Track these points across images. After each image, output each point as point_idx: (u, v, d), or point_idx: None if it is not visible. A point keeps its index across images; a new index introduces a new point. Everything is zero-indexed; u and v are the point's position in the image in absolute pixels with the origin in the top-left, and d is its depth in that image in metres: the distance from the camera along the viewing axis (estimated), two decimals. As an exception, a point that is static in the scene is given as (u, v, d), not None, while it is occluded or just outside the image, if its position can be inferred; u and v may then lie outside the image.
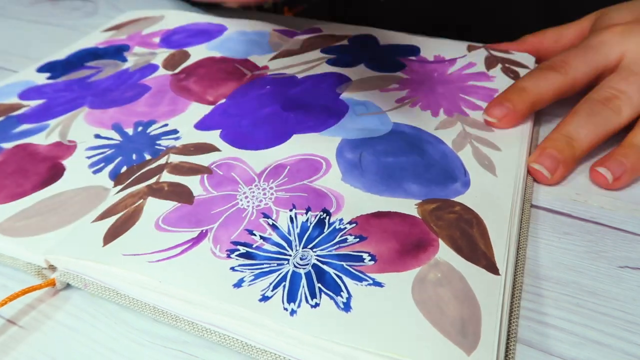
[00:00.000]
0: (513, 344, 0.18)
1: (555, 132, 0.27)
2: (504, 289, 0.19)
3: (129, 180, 0.25)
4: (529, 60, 0.35)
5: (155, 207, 0.22)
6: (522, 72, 0.34)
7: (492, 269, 0.19)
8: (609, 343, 0.19)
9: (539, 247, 0.23)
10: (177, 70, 0.36)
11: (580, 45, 0.30)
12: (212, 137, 0.27)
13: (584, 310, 0.20)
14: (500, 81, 0.33)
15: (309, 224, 0.21)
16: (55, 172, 0.27)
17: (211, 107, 0.31)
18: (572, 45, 0.31)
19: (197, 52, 0.39)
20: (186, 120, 0.30)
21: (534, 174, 0.26)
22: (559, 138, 0.26)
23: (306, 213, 0.22)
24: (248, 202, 0.22)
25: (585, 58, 0.30)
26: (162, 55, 0.39)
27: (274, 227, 0.21)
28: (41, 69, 0.38)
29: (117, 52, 0.40)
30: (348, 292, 0.18)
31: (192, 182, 0.24)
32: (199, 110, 0.31)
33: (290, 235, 0.21)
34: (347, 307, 0.18)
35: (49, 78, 0.37)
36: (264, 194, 0.23)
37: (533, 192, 0.26)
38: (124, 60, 0.38)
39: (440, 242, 0.20)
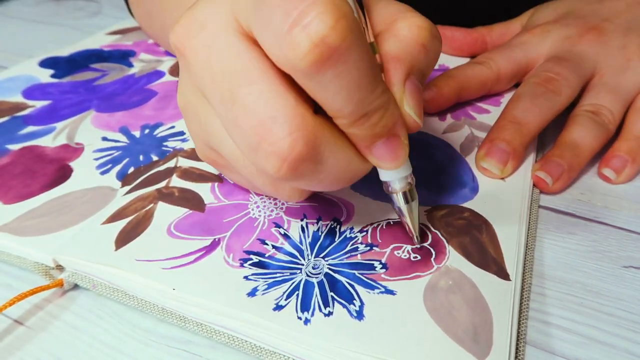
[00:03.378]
0: (522, 346, 0.19)
1: (502, 119, 0.27)
2: (514, 294, 0.19)
3: (137, 181, 0.25)
4: None
5: (166, 213, 0.23)
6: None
7: (503, 274, 0.20)
8: (613, 343, 0.19)
9: (543, 247, 0.23)
10: (183, 76, 0.36)
11: (504, 45, 0.33)
12: (222, 144, 0.28)
13: (588, 310, 0.20)
14: None
15: (320, 233, 0.21)
16: (62, 174, 0.27)
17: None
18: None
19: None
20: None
21: (483, 172, 0.26)
22: (506, 125, 0.27)
23: (317, 222, 0.22)
24: (260, 211, 0.23)
25: (508, 55, 0.32)
26: (168, 62, 0.39)
27: (285, 236, 0.21)
28: (43, 64, 0.38)
29: (122, 56, 0.40)
30: (360, 300, 0.18)
31: (203, 189, 0.24)
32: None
33: (302, 244, 0.21)
34: (360, 315, 0.18)
35: (52, 76, 0.37)
36: (275, 204, 0.23)
37: (540, 193, 0.26)
38: (130, 65, 0.39)
39: (451, 248, 0.21)
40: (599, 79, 0.29)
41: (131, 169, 0.27)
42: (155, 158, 0.28)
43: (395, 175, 0.19)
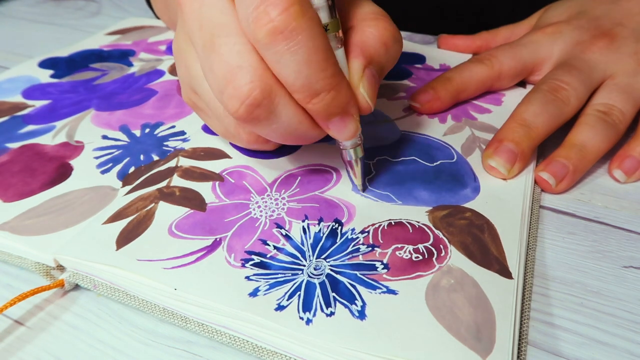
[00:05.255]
0: (524, 345, 0.19)
1: (512, 121, 0.27)
2: (517, 292, 0.19)
3: (138, 181, 0.25)
4: None
5: (167, 212, 0.23)
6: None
7: (505, 273, 0.20)
8: (614, 343, 0.19)
9: (543, 247, 0.23)
10: (184, 76, 0.36)
11: (512, 43, 0.33)
12: (222, 142, 0.28)
13: (588, 310, 0.20)
14: None
15: (321, 235, 0.21)
16: (63, 172, 0.26)
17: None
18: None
19: (204, 59, 0.39)
20: (193, 122, 0.30)
21: (490, 170, 0.26)
22: (516, 127, 0.27)
23: (318, 223, 0.22)
24: (261, 212, 0.23)
25: (513, 52, 0.32)
26: (168, 61, 0.39)
27: (287, 237, 0.21)
28: (43, 64, 0.38)
29: (122, 56, 0.40)
30: (362, 300, 0.18)
31: (204, 189, 0.24)
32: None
33: (303, 245, 0.21)
34: (362, 315, 0.18)
35: (52, 76, 0.37)
36: (277, 204, 0.23)
37: (541, 193, 0.26)
38: (130, 65, 0.38)
39: (453, 248, 0.21)
40: (611, 81, 0.29)
41: (132, 169, 0.27)
42: (155, 158, 0.27)
43: None
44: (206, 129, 0.29)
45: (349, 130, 0.21)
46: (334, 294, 0.19)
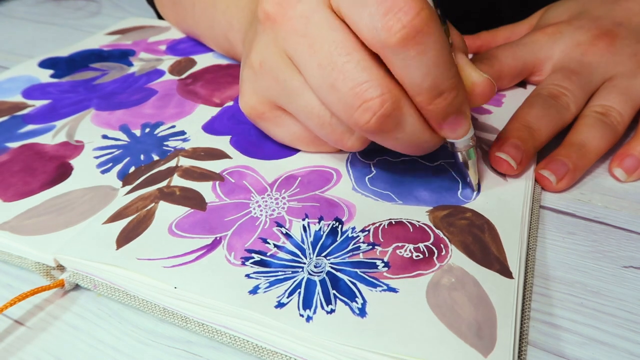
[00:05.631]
0: (525, 345, 0.19)
1: (515, 122, 0.27)
2: (517, 292, 0.19)
3: (138, 181, 0.25)
4: None
5: (167, 212, 0.23)
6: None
7: (506, 272, 0.20)
8: (614, 343, 0.19)
9: (543, 247, 0.23)
10: (183, 76, 0.36)
11: (512, 42, 0.33)
12: (223, 143, 0.28)
13: (588, 310, 0.20)
14: None
15: (322, 233, 0.21)
16: (63, 171, 0.26)
17: (218, 109, 0.31)
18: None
19: (204, 60, 0.39)
20: (194, 122, 0.30)
21: (499, 163, 0.25)
22: (520, 128, 0.27)
23: (319, 222, 0.22)
24: (261, 211, 0.23)
25: (514, 52, 0.32)
26: (168, 61, 0.39)
27: (287, 235, 0.21)
28: (43, 64, 0.38)
29: (122, 56, 0.40)
30: (363, 298, 0.18)
31: (204, 188, 0.24)
32: (206, 112, 0.32)
33: (303, 243, 0.21)
34: (362, 312, 0.18)
35: (52, 76, 0.37)
36: (277, 203, 0.23)
37: (541, 193, 0.26)
38: (130, 64, 0.38)
39: (453, 247, 0.21)
40: (610, 82, 0.29)
41: (132, 169, 0.27)
42: (156, 157, 0.27)
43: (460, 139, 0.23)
44: (206, 128, 0.29)
45: (463, 128, 0.22)
46: (334, 292, 0.19)
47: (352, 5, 0.19)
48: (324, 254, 0.20)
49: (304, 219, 0.22)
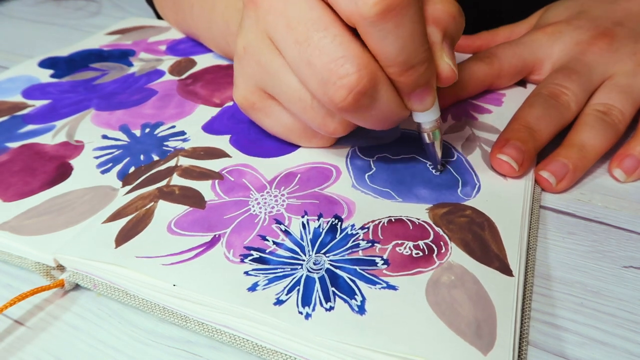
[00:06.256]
0: (525, 344, 0.19)
1: (516, 123, 0.27)
2: (517, 289, 0.19)
3: (138, 181, 0.25)
4: None
5: (167, 211, 0.23)
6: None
7: (506, 270, 0.20)
8: (613, 343, 0.19)
9: (543, 247, 0.23)
10: (183, 76, 0.36)
11: (512, 41, 0.33)
12: (222, 142, 0.28)
13: (588, 310, 0.20)
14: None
15: (321, 230, 0.21)
16: (63, 171, 0.26)
17: (218, 109, 0.31)
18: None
19: (204, 60, 0.39)
20: (194, 122, 0.30)
21: (500, 165, 0.25)
22: (521, 129, 0.27)
23: (318, 219, 0.22)
24: (260, 208, 0.23)
25: (513, 51, 0.32)
26: (168, 62, 0.39)
27: (286, 232, 0.21)
28: (43, 64, 0.38)
29: (122, 56, 0.40)
30: (362, 295, 0.18)
31: (203, 187, 0.24)
32: (206, 112, 0.32)
33: (302, 240, 0.21)
34: (361, 310, 0.18)
35: (52, 76, 0.37)
36: (276, 200, 0.23)
37: (541, 192, 0.26)
38: (130, 64, 0.38)
39: (453, 245, 0.21)
40: (610, 81, 0.29)
41: (132, 169, 0.27)
42: (156, 157, 0.27)
43: (426, 118, 0.23)
44: (206, 128, 0.29)
45: (429, 100, 0.22)
46: (333, 289, 0.18)
47: None
48: (323, 251, 0.20)
49: (303, 216, 0.22)
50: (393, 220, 0.22)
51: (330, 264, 0.20)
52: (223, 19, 0.34)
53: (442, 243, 0.21)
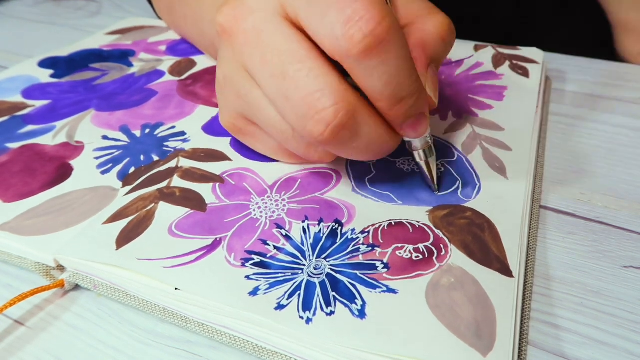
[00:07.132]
0: (525, 345, 0.19)
1: None
2: (517, 291, 0.19)
3: (138, 182, 0.25)
4: (537, 55, 0.35)
5: (168, 212, 0.23)
6: (530, 67, 0.34)
7: (506, 271, 0.20)
8: (614, 343, 0.19)
9: (543, 247, 0.23)
10: (183, 77, 0.36)
11: None
12: (223, 144, 0.28)
13: (588, 310, 0.20)
14: (508, 78, 0.33)
15: (321, 235, 0.21)
16: (63, 172, 0.26)
17: (218, 109, 0.31)
18: None
19: (204, 61, 0.39)
20: (194, 123, 0.30)
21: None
22: None
23: (319, 224, 0.22)
24: (261, 212, 0.23)
25: None
26: (168, 62, 0.39)
27: (287, 237, 0.21)
28: (43, 64, 0.38)
29: (122, 56, 0.40)
30: (362, 300, 0.18)
31: (204, 190, 0.24)
32: (206, 112, 0.32)
33: (303, 245, 0.21)
34: (362, 314, 0.18)
35: (52, 76, 0.37)
36: (277, 205, 0.23)
37: (541, 192, 0.26)
38: (130, 65, 0.38)
39: (453, 247, 0.21)
40: None
41: (132, 169, 0.27)
42: (156, 158, 0.27)
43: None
44: (207, 129, 0.29)
45: (422, 127, 0.22)
46: (334, 293, 0.19)
47: (311, 15, 0.19)
48: (323, 256, 0.20)
49: (303, 221, 0.22)
50: (393, 223, 0.22)
51: (331, 269, 0.20)
52: (212, 29, 0.34)
53: (442, 245, 0.21)
